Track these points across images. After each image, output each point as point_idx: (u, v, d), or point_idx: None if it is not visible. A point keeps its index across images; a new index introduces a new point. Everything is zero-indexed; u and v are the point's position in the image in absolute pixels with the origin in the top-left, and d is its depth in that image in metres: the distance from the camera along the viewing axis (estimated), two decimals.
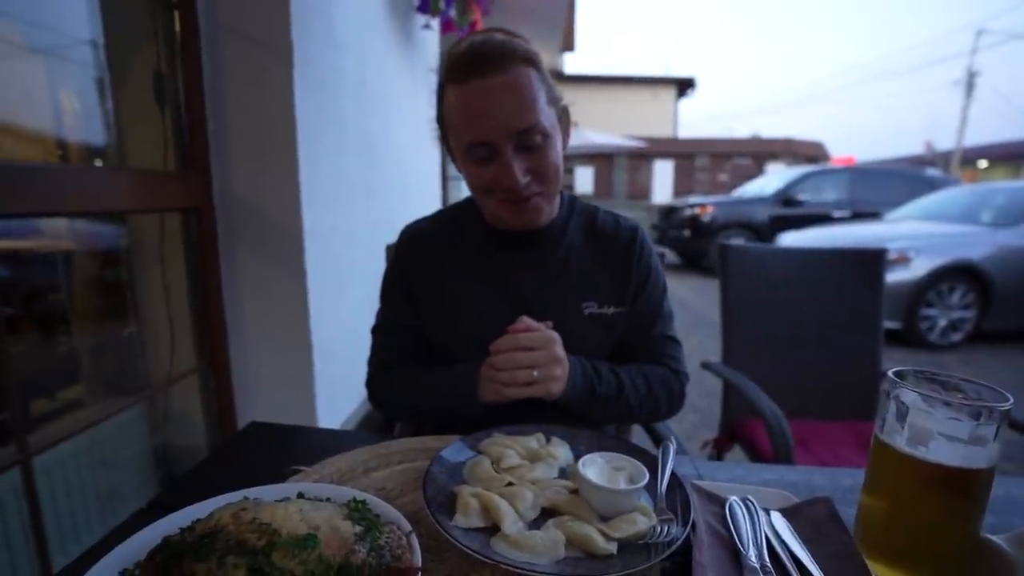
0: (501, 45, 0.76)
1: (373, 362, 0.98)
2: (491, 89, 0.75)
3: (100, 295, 1.50)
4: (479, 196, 0.86)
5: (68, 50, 1.35)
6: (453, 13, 2.77)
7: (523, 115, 0.76)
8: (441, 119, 0.85)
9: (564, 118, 0.86)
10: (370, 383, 0.97)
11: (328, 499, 0.54)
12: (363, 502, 0.54)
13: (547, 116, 0.79)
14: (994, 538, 0.50)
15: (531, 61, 0.78)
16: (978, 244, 4.51)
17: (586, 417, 0.87)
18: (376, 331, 0.98)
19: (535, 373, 0.77)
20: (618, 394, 0.87)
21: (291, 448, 0.80)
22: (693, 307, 6.07)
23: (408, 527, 0.51)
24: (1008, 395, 0.49)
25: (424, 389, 0.90)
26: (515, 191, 0.79)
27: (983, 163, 23.56)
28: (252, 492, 0.56)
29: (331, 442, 0.79)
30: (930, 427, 0.49)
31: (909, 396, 0.51)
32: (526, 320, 0.80)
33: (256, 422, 0.87)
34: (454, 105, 0.79)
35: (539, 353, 0.78)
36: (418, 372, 0.93)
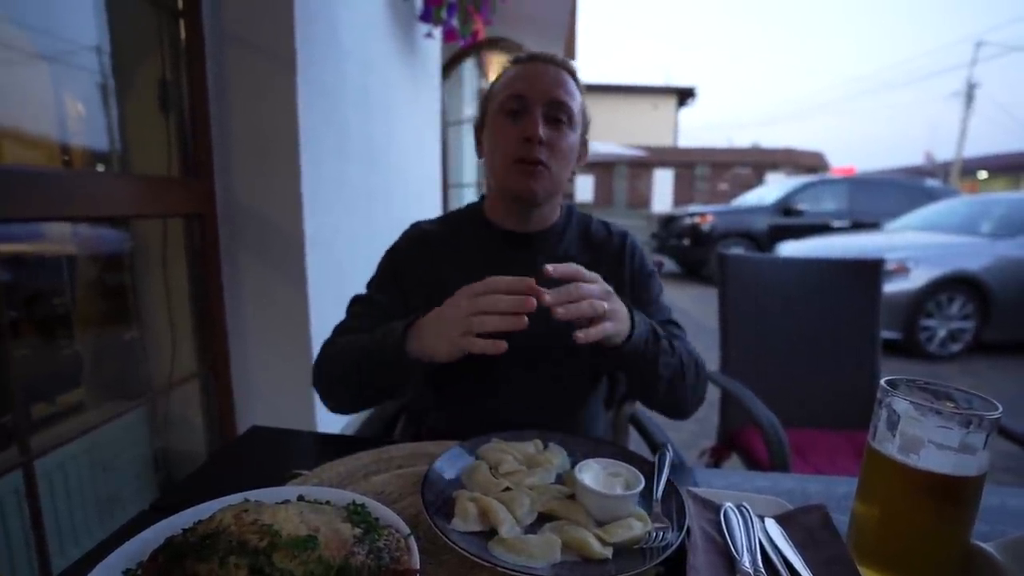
0: (564, 58, 0.93)
1: (335, 329, 0.94)
2: (543, 68, 0.90)
3: (103, 299, 1.51)
4: (496, 157, 0.91)
5: (74, 56, 1.37)
6: (455, 22, 2.80)
7: (559, 92, 0.88)
8: (487, 98, 0.95)
9: (583, 145, 0.96)
10: (320, 350, 0.91)
11: (328, 502, 0.55)
12: (362, 505, 0.55)
13: (576, 113, 0.90)
14: (985, 545, 0.51)
15: (579, 83, 0.94)
16: (977, 255, 4.52)
17: (651, 374, 0.82)
18: (351, 304, 0.96)
19: (605, 306, 0.70)
20: (671, 344, 0.85)
21: (291, 452, 0.81)
22: (692, 316, 6.08)
23: (407, 530, 0.52)
24: (997, 404, 0.50)
25: (356, 348, 0.83)
26: (531, 143, 0.86)
27: (983, 174, 23.63)
28: (253, 494, 0.56)
29: (331, 447, 0.80)
30: (921, 435, 0.50)
31: (900, 404, 0.52)
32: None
33: (257, 426, 0.87)
34: (507, 74, 0.92)
35: (600, 287, 0.72)
36: (355, 335, 0.86)
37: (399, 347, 0.75)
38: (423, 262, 0.96)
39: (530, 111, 0.87)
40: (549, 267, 0.69)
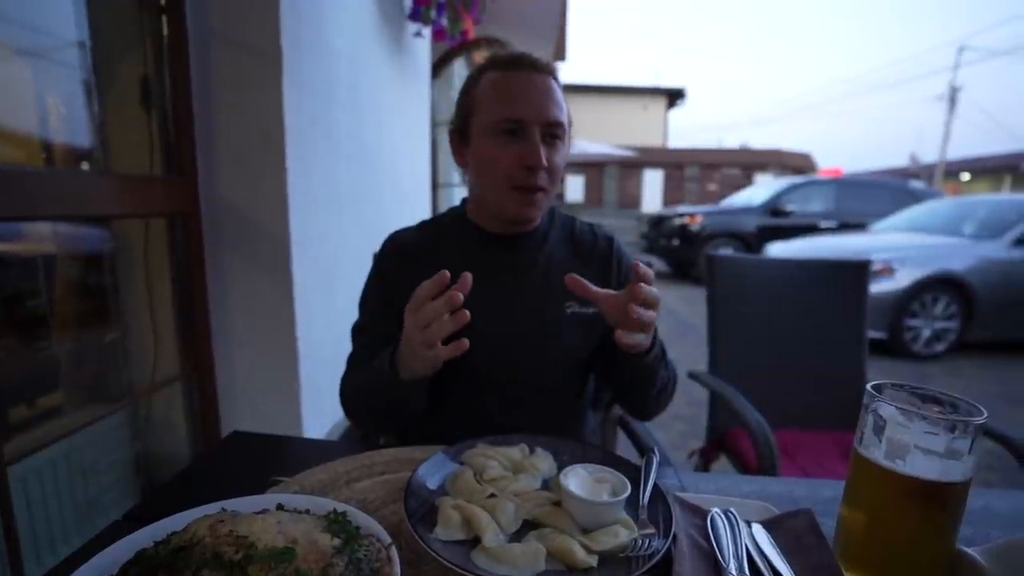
0: (545, 60, 0.88)
1: (346, 368, 0.96)
2: (534, 81, 0.85)
3: (82, 300, 1.48)
4: (489, 180, 0.88)
5: (54, 52, 1.33)
6: (444, 22, 2.78)
7: (555, 110, 0.85)
8: (466, 105, 0.89)
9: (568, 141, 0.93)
10: (340, 386, 0.95)
11: (308, 511, 0.54)
12: (343, 514, 0.53)
13: (566, 124, 0.88)
14: (970, 550, 0.51)
15: (560, 84, 0.89)
16: (960, 256, 4.59)
17: (650, 378, 0.86)
18: (353, 337, 0.98)
19: (653, 312, 0.73)
20: (666, 359, 0.89)
21: (273, 458, 0.79)
22: (681, 316, 6.10)
23: (388, 539, 0.51)
24: (982, 408, 0.50)
25: (362, 384, 0.87)
26: (535, 171, 0.84)
27: (965, 176, 24.00)
28: (230, 504, 0.55)
29: (314, 452, 0.78)
30: (907, 441, 0.50)
31: (887, 410, 0.51)
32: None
33: (238, 431, 0.86)
34: (492, 86, 0.86)
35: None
36: (360, 371, 0.91)
37: (393, 378, 0.78)
38: (407, 275, 0.92)
39: (528, 136, 0.83)
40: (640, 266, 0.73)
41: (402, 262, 0.95)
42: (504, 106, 0.84)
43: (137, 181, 1.41)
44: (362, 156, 2.21)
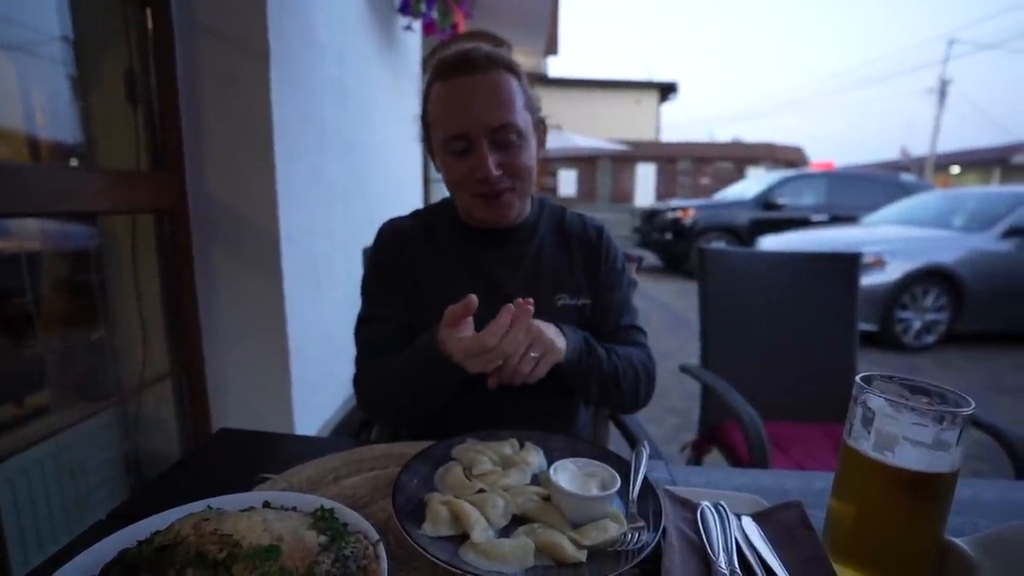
0: (486, 52, 0.83)
1: (359, 359, 0.95)
2: (472, 86, 0.82)
3: (68, 298, 1.46)
4: (454, 190, 0.90)
5: (36, 46, 1.31)
6: (435, 15, 2.76)
7: (499, 113, 0.82)
8: (425, 117, 0.90)
9: (540, 127, 0.92)
10: (356, 381, 0.93)
11: (294, 508, 0.53)
12: (331, 511, 0.53)
13: (523, 119, 0.85)
14: (957, 541, 0.51)
15: (512, 69, 0.85)
16: (950, 248, 4.63)
17: (584, 385, 0.87)
18: (359, 328, 0.96)
19: (533, 354, 0.75)
20: (608, 356, 0.88)
21: (262, 455, 0.79)
22: (674, 310, 6.12)
23: (376, 536, 0.50)
24: (969, 399, 0.50)
25: (397, 371, 0.86)
26: (488, 183, 0.83)
27: (955, 169, 24.14)
28: (216, 502, 0.54)
29: (303, 449, 0.78)
30: (896, 432, 0.50)
31: (876, 401, 0.51)
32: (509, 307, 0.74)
33: (226, 429, 0.85)
34: (438, 100, 0.85)
35: (529, 333, 0.75)
36: (391, 358, 0.89)
37: (440, 358, 0.77)
38: (403, 261, 0.95)
39: (476, 148, 0.82)
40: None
41: (399, 249, 0.95)
42: (447, 122, 0.83)
43: (123, 177, 1.39)
44: (351, 151, 2.20)
